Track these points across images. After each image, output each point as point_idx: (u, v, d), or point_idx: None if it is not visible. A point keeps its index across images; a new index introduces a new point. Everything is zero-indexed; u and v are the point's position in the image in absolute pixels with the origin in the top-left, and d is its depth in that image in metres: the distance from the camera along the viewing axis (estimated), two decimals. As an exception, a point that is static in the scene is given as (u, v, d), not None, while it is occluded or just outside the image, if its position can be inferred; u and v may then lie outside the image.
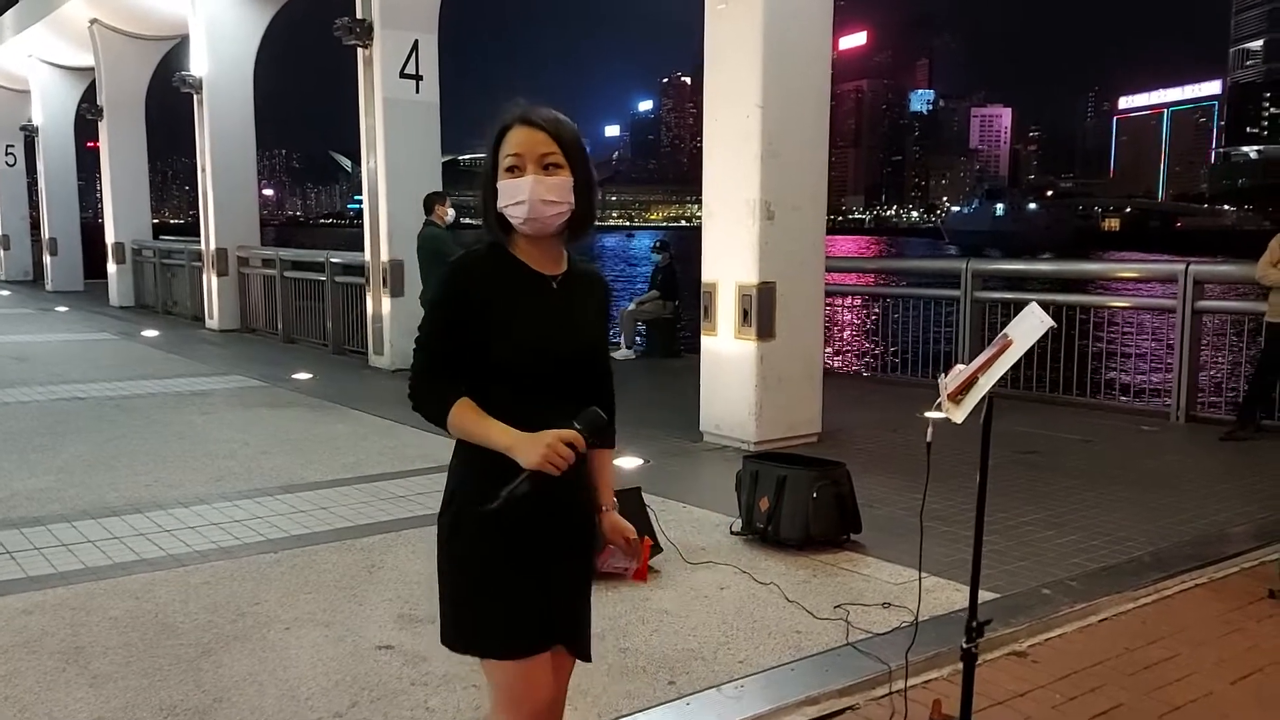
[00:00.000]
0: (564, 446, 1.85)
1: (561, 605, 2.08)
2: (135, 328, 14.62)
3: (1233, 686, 3.37)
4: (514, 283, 1.99)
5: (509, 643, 2.00)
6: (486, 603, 2.00)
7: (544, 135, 1.97)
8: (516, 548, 1.99)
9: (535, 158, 1.96)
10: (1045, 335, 2.49)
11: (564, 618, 2.09)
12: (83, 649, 3.53)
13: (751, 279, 6.59)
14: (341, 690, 3.23)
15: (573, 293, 2.06)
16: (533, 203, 1.94)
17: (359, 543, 4.75)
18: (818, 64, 6.82)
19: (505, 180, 1.97)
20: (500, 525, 1.95)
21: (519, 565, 2.00)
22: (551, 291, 2.02)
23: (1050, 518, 5.20)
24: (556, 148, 1.97)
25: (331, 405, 8.50)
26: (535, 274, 2.02)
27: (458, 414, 1.94)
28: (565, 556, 2.08)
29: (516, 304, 1.97)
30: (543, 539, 2.02)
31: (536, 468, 1.85)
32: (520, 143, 1.97)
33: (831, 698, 3.20)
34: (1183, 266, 7.94)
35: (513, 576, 1.99)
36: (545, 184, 1.95)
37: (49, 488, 5.74)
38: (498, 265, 2.01)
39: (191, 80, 14.09)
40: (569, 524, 2.07)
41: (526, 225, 1.97)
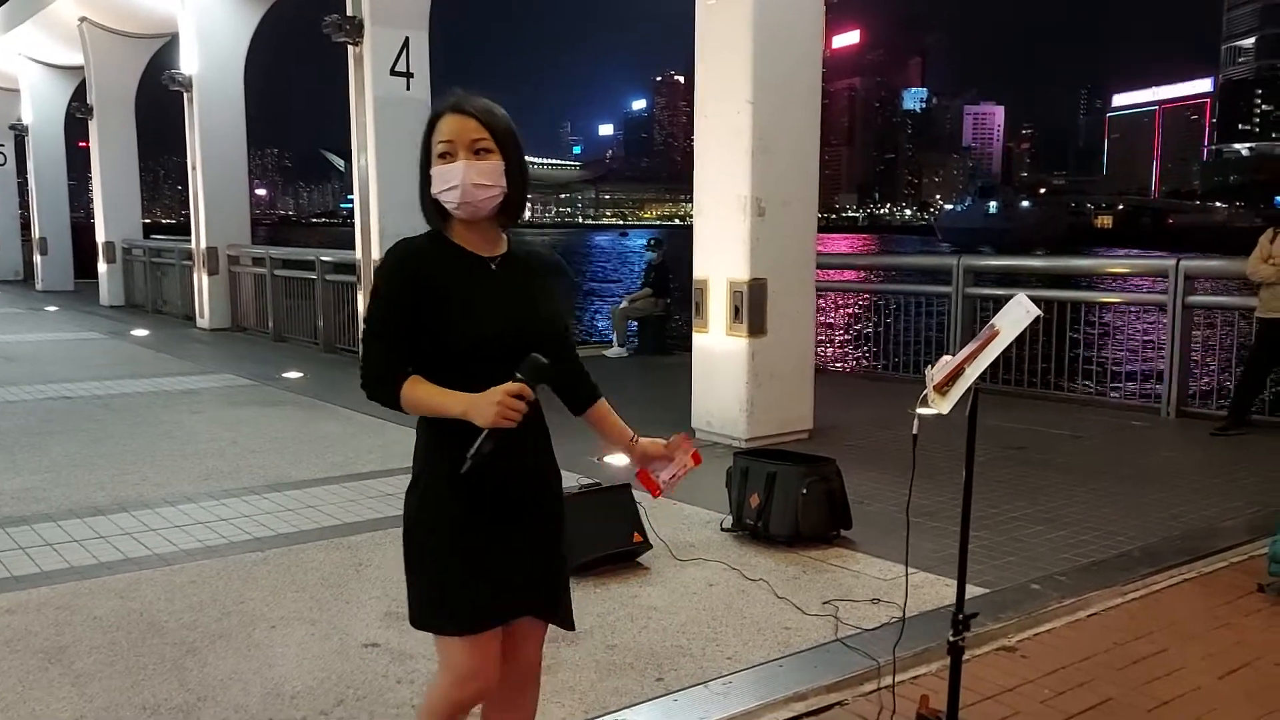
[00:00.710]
0: (513, 399, 1.90)
1: (529, 573, 2.12)
2: (125, 327, 14.57)
3: (1221, 681, 3.37)
4: (454, 267, 2.06)
5: (461, 619, 2.05)
6: (443, 579, 2.06)
7: (475, 122, 2.03)
8: (478, 520, 2.05)
9: (466, 143, 2.02)
10: (1037, 330, 2.48)
11: (533, 586, 2.13)
12: (66, 648, 3.50)
13: (743, 275, 6.57)
14: (327, 688, 3.21)
15: (513, 273, 2.12)
16: (465, 186, 2.00)
17: (346, 541, 4.73)
18: (809, 59, 6.81)
19: (438, 166, 2.03)
20: (462, 499, 2.02)
21: (481, 539, 2.05)
22: (491, 273, 2.09)
23: (1040, 513, 5.20)
24: (487, 134, 2.03)
25: (321, 404, 8.47)
26: (474, 257, 2.09)
27: (409, 391, 2.01)
28: (530, 524, 2.12)
29: (457, 287, 2.03)
30: (505, 508, 2.07)
31: (493, 424, 1.90)
32: (452, 130, 2.03)
33: (820, 694, 3.19)
34: (1173, 262, 7.95)
35: (472, 552, 2.05)
36: (476, 168, 2.01)
37: (35, 487, 5.70)
38: (436, 251, 2.08)
39: (181, 79, 14.03)
40: (530, 491, 2.12)
41: (460, 209, 2.04)
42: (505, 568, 2.08)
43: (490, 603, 2.06)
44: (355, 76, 10.48)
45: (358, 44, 10.32)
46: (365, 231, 10.58)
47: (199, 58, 13.94)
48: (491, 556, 2.06)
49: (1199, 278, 7.98)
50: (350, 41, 10.34)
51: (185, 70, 14.05)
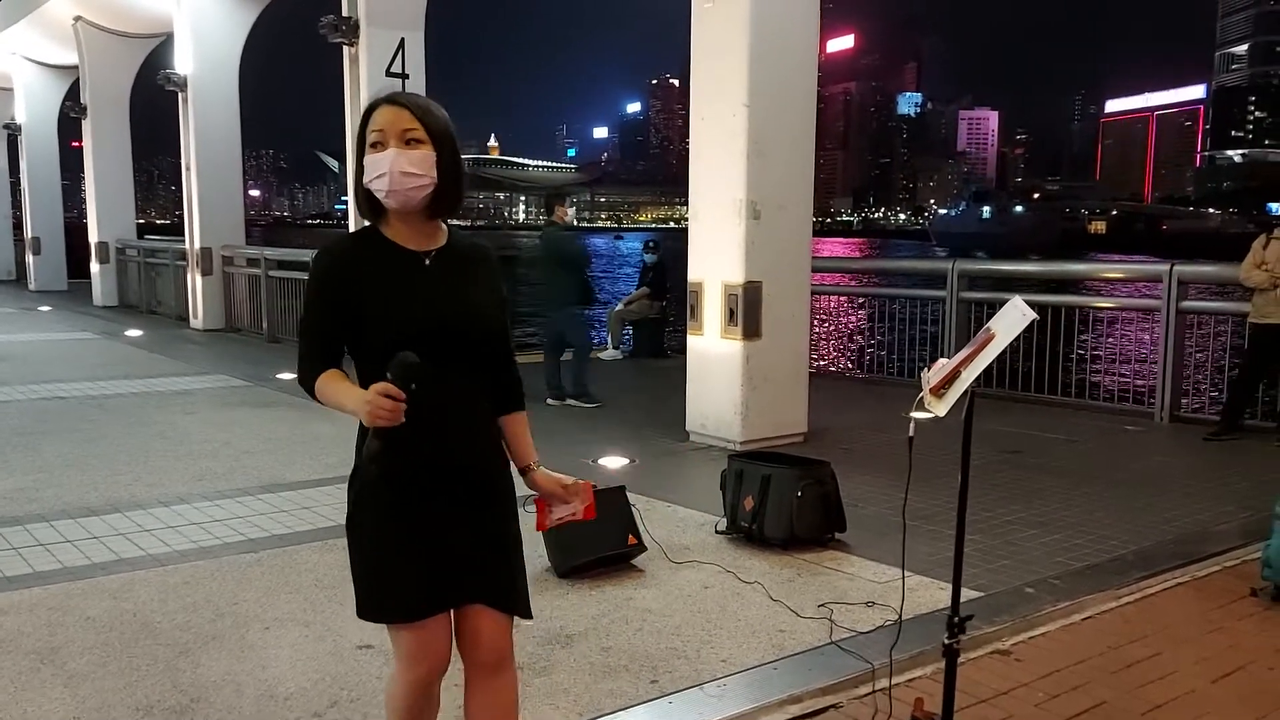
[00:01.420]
0: (381, 398, 1.89)
1: (471, 561, 2.13)
2: (119, 327, 14.52)
3: (1214, 685, 3.37)
4: (384, 262, 2.06)
5: (398, 608, 2.10)
6: (381, 570, 2.10)
7: (407, 113, 2.04)
8: (410, 512, 2.07)
9: (397, 133, 2.02)
10: (1031, 334, 2.48)
11: (476, 573, 2.14)
12: (59, 649, 3.49)
13: (738, 278, 6.57)
14: (321, 690, 3.20)
15: (449, 267, 2.11)
16: (393, 174, 2.00)
17: (340, 542, 4.64)
18: (805, 62, 6.81)
19: (369, 155, 2.03)
20: (395, 490, 2.05)
21: (414, 530, 2.07)
22: (424, 268, 2.08)
23: (1034, 517, 5.20)
24: (419, 125, 2.03)
25: (315, 405, 8.40)
26: (406, 252, 2.08)
27: (320, 385, 2.06)
28: (467, 514, 2.12)
29: (387, 283, 2.04)
30: (438, 499, 2.08)
31: (369, 424, 1.92)
32: (385, 120, 2.04)
33: (814, 696, 3.19)
34: (1167, 267, 7.97)
35: (406, 543, 2.07)
36: (406, 156, 2.01)
37: (28, 487, 5.68)
38: (367, 247, 2.08)
39: (176, 78, 14.01)
40: (465, 481, 2.13)
41: (390, 198, 2.03)
42: (442, 556, 2.09)
43: (426, 591, 2.09)
44: (351, 77, 10.48)
45: (353, 45, 10.33)
46: (360, 232, 10.55)
47: (194, 58, 13.92)
48: (426, 545, 2.08)
49: (1192, 283, 8.00)
50: (346, 42, 10.34)
51: (180, 70, 14.03)
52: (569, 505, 2.34)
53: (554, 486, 2.30)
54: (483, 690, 2.26)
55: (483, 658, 2.22)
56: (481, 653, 2.21)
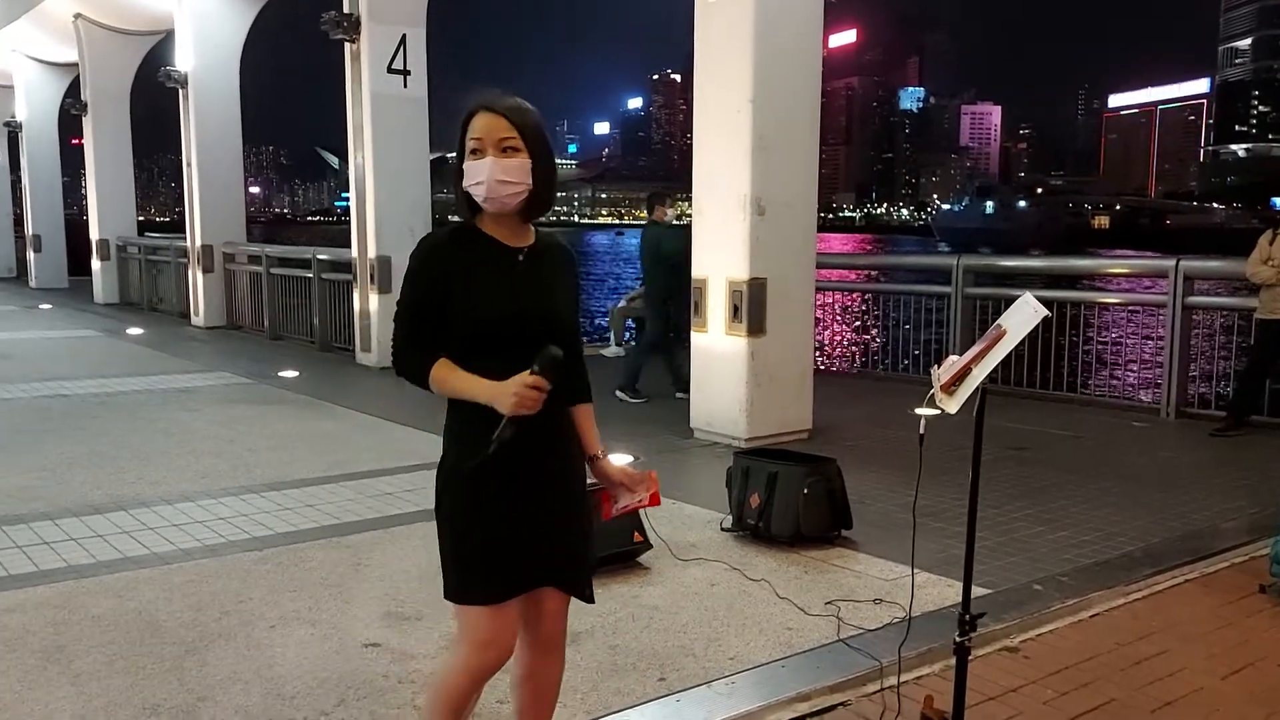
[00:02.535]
0: (529, 389, 2.01)
1: (551, 545, 2.22)
2: (120, 325, 14.52)
3: (1223, 682, 3.36)
4: (481, 256, 2.17)
5: (483, 590, 2.17)
6: (465, 553, 2.18)
7: (504, 121, 2.14)
8: (499, 494, 2.15)
9: (494, 141, 2.13)
10: (1037, 330, 2.46)
11: (554, 557, 2.23)
12: (65, 648, 3.48)
13: (742, 275, 6.56)
14: (328, 688, 3.19)
15: (540, 263, 2.23)
16: (490, 182, 2.11)
17: (346, 540, 4.70)
18: (809, 58, 6.79)
19: (469, 161, 2.14)
20: (484, 476, 2.13)
21: (501, 511, 2.16)
22: (518, 263, 2.20)
23: (1041, 513, 5.19)
24: (515, 133, 2.13)
25: (318, 402, 8.45)
26: (502, 246, 2.20)
27: (438, 373, 2.13)
28: (549, 497, 2.22)
29: (484, 275, 2.15)
30: (525, 485, 2.17)
31: (512, 412, 2.02)
32: (482, 128, 2.14)
33: (823, 694, 3.17)
34: (1173, 263, 7.94)
35: (493, 525, 2.16)
36: (502, 165, 2.11)
37: (32, 485, 5.67)
38: (465, 241, 2.19)
39: (177, 75, 13.99)
40: (550, 468, 2.22)
41: (487, 203, 2.15)
42: (526, 539, 2.18)
43: (511, 574, 2.17)
44: (352, 74, 10.45)
45: (355, 41, 10.30)
46: (361, 229, 10.55)
47: (194, 54, 13.90)
48: (512, 528, 2.16)
49: (1198, 278, 7.97)
50: (347, 38, 10.32)
51: (181, 67, 14.01)
52: (634, 494, 2.42)
53: (619, 475, 2.39)
54: (537, 671, 2.37)
55: (543, 638, 2.32)
56: (543, 633, 2.31)
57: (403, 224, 10.47)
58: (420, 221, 10.65)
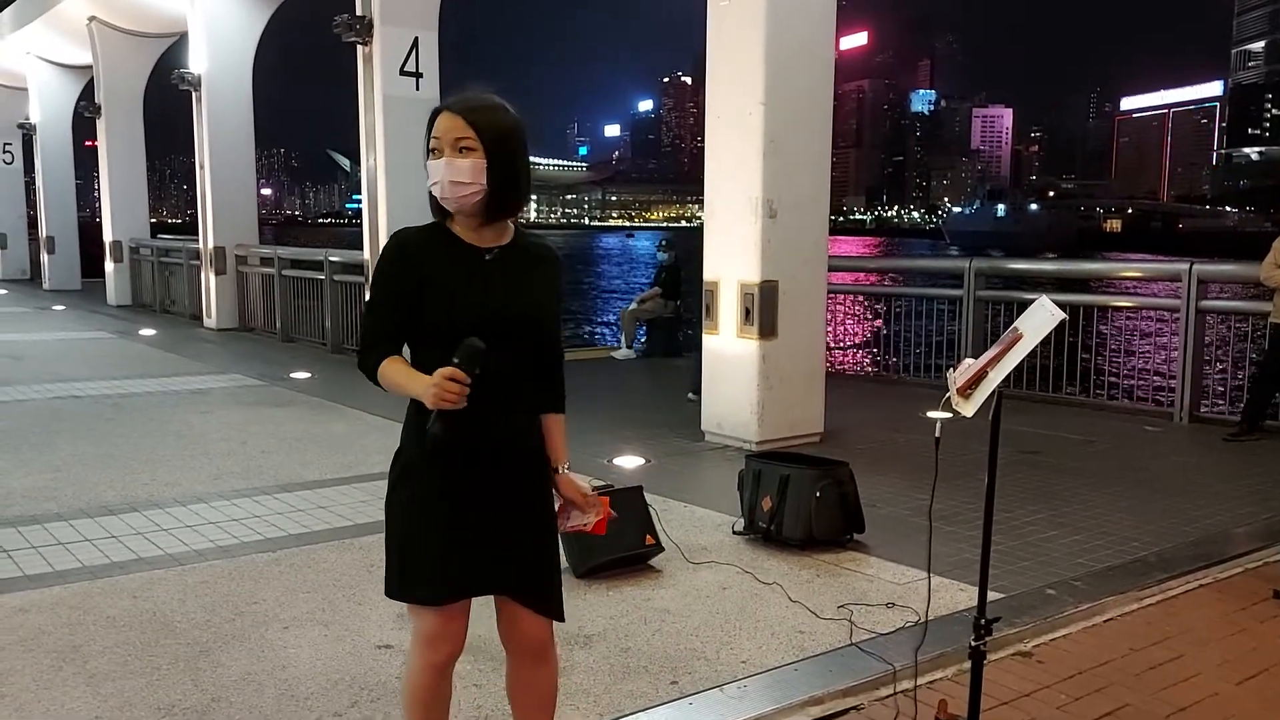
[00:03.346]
0: (447, 381, 1.98)
1: (504, 552, 2.20)
2: (133, 326, 14.58)
3: (1238, 687, 3.34)
4: (447, 255, 2.16)
5: (425, 590, 2.17)
6: (411, 549, 2.17)
7: (460, 121, 2.12)
8: (448, 495, 2.15)
9: (450, 141, 2.12)
10: (1050, 333, 2.45)
11: (508, 564, 2.21)
12: (80, 648, 3.50)
13: (753, 277, 6.55)
14: (341, 690, 3.20)
15: (510, 264, 2.20)
16: (444, 183, 2.11)
17: (358, 542, 4.71)
18: (821, 60, 6.78)
19: (429, 161, 2.16)
20: (436, 473, 2.14)
21: (450, 512, 2.15)
22: (484, 263, 2.18)
23: (1054, 518, 5.17)
24: (471, 133, 2.11)
25: (330, 404, 8.47)
26: (468, 246, 2.18)
27: (384, 369, 2.14)
28: (507, 505, 2.20)
29: (448, 274, 2.14)
30: (480, 487, 2.16)
31: (433, 405, 2.00)
32: (441, 129, 2.14)
33: (836, 698, 3.17)
34: (1186, 266, 7.91)
35: (441, 524, 2.15)
36: (455, 166, 2.10)
37: (46, 486, 5.70)
38: (432, 239, 2.19)
39: (190, 78, 14.06)
40: (510, 473, 2.20)
41: (445, 203, 2.15)
42: (475, 543, 2.16)
43: (455, 576, 2.16)
44: (364, 76, 10.48)
45: (367, 44, 10.33)
46: (374, 231, 10.59)
47: (208, 57, 13.96)
48: (460, 530, 2.15)
49: (1212, 282, 7.94)
50: (360, 41, 10.35)
51: (194, 69, 14.08)
52: (584, 515, 2.37)
53: (574, 493, 2.35)
54: (524, 678, 2.37)
55: (523, 646, 2.31)
56: (521, 641, 2.30)
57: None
58: (432, 223, 10.67)
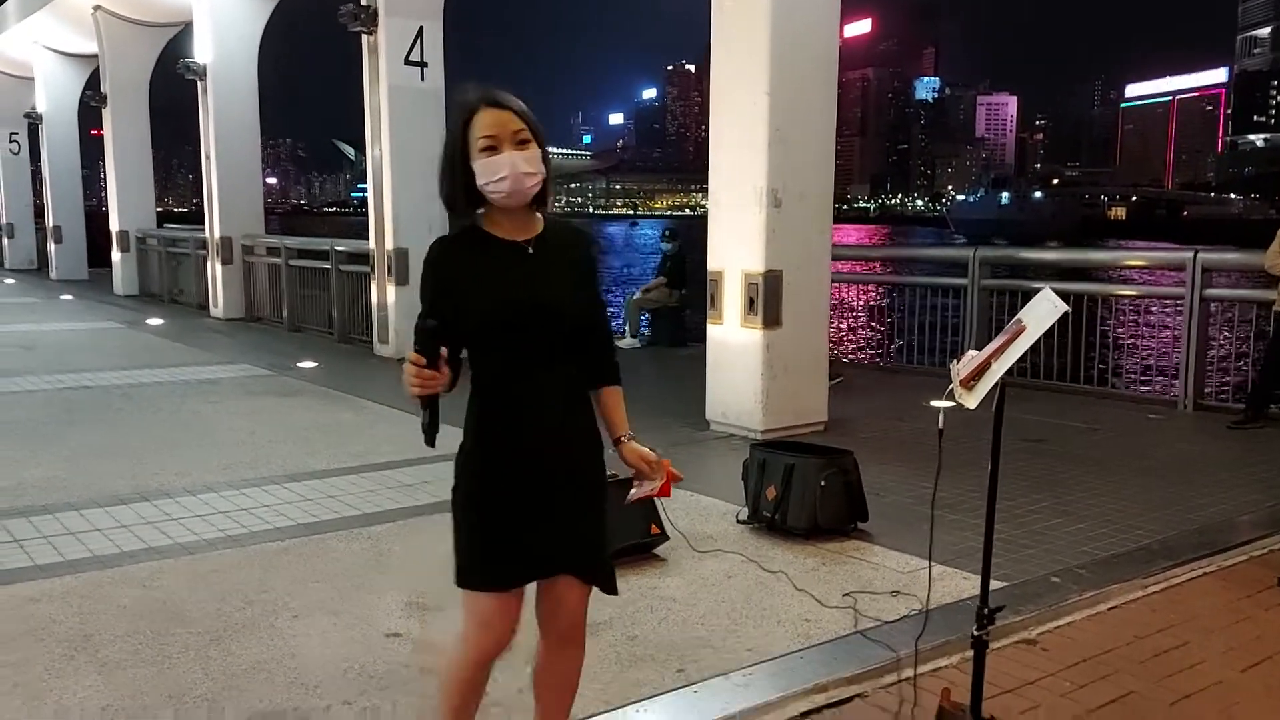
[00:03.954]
0: (409, 366, 2.04)
1: (563, 534, 2.23)
2: (140, 316, 14.63)
3: (1242, 674, 3.36)
4: (489, 255, 2.18)
5: (488, 577, 2.21)
6: (473, 537, 2.22)
7: (512, 114, 2.15)
8: (508, 484, 2.19)
9: (509, 135, 2.14)
10: (1055, 322, 2.47)
11: (567, 545, 2.24)
12: (91, 637, 3.53)
13: (758, 267, 6.56)
14: (350, 678, 3.23)
15: (550, 253, 2.22)
16: (514, 175, 2.12)
17: (367, 531, 4.75)
18: (826, 49, 6.78)
19: (485, 159, 2.13)
20: (493, 463, 2.19)
21: (512, 501, 2.18)
22: (528, 257, 2.20)
23: (1058, 506, 5.19)
24: (522, 124, 2.15)
25: (338, 394, 8.50)
26: (509, 243, 2.20)
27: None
28: (563, 486, 2.23)
29: (493, 273, 2.16)
30: (534, 474, 2.19)
31: (411, 395, 2.08)
32: (493, 123, 2.14)
33: (840, 685, 3.20)
34: (1191, 254, 7.90)
35: (504, 513, 2.19)
36: (523, 157, 2.13)
37: (56, 476, 5.74)
38: (473, 242, 2.20)
39: (195, 67, 14.05)
40: (563, 453, 2.23)
41: (510, 198, 2.15)
42: (535, 528, 2.20)
43: (517, 560, 2.20)
44: (369, 66, 10.48)
45: (372, 33, 10.33)
46: (379, 221, 10.60)
47: (213, 46, 13.95)
48: (519, 516, 2.19)
49: (1216, 270, 7.93)
50: (365, 31, 10.34)
51: (199, 59, 14.07)
52: (647, 482, 2.40)
53: (637, 461, 2.36)
54: (552, 660, 2.40)
55: (560, 627, 2.33)
56: (560, 623, 2.33)
57: (420, 216, 10.51)
58: (437, 213, 10.61)
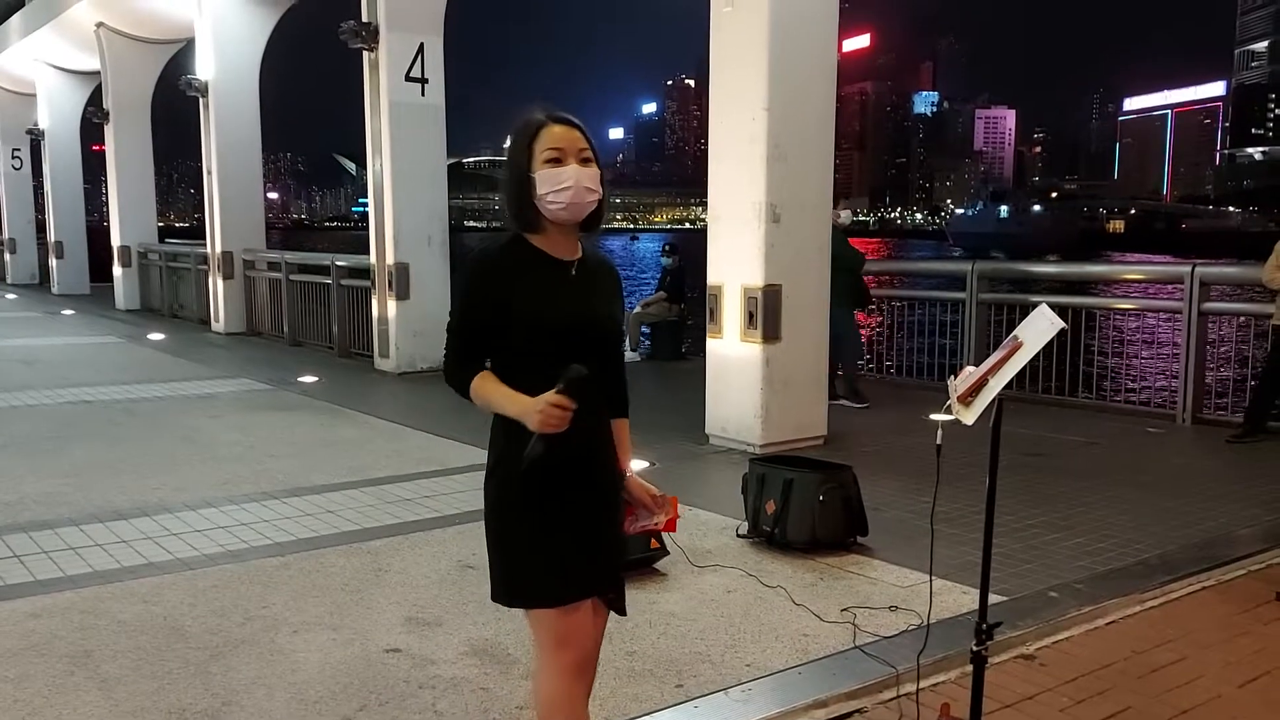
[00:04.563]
0: (554, 408, 2.01)
1: (602, 557, 2.26)
2: (141, 331, 14.65)
3: (1240, 690, 3.37)
4: (536, 269, 2.19)
5: (558, 591, 2.18)
6: (534, 557, 2.18)
7: (579, 133, 2.19)
8: (555, 501, 2.17)
9: (575, 151, 2.17)
10: (1053, 337, 2.48)
11: (604, 569, 2.27)
12: (92, 652, 3.54)
13: (757, 281, 6.59)
14: (350, 693, 3.24)
15: (590, 276, 2.26)
16: (577, 189, 2.14)
17: (366, 546, 4.75)
18: (824, 65, 6.82)
19: (548, 170, 2.14)
20: (537, 484, 2.15)
21: (562, 517, 2.18)
22: (571, 276, 2.22)
23: (1056, 520, 5.20)
24: (587, 144, 2.19)
25: (338, 409, 8.51)
26: (555, 260, 2.21)
27: (478, 385, 2.17)
28: (599, 510, 2.25)
29: (539, 289, 2.16)
30: (576, 494, 2.20)
31: (538, 429, 2.03)
32: (560, 138, 2.17)
33: (839, 701, 3.20)
34: (1189, 268, 7.93)
35: (555, 531, 2.18)
36: (586, 173, 2.16)
37: (57, 491, 5.75)
38: (520, 254, 2.20)
39: (197, 84, 14.12)
40: (599, 480, 2.26)
41: (567, 211, 2.16)
42: (584, 544, 2.21)
43: (576, 574, 2.20)
44: (370, 82, 10.53)
45: (373, 50, 10.38)
46: (380, 236, 10.63)
47: (215, 63, 14.02)
48: (572, 532, 2.19)
49: (1214, 284, 7.96)
50: (366, 47, 10.40)
51: (201, 75, 14.14)
52: (653, 515, 2.41)
53: (643, 495, 2.40)
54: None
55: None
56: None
57: (421, 230, 10.56)
58: (438, 228, 10.74)
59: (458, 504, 5.46)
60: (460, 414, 2.01)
